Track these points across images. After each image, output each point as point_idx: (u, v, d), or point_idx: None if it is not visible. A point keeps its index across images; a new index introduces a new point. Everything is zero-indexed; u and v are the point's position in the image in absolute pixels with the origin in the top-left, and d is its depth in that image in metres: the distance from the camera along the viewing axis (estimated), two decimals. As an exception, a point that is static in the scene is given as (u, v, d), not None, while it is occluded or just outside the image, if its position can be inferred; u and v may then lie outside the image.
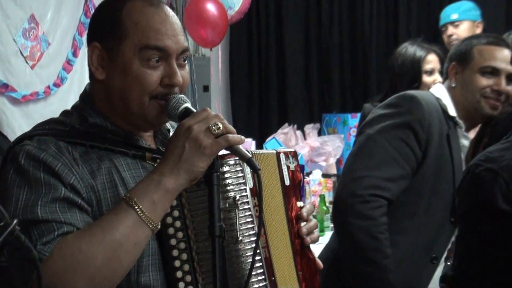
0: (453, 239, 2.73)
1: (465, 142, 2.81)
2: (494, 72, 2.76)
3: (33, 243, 1.61)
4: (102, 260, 1.61)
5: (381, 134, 2.68)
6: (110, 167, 1.76)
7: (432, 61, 4.05)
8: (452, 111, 2.77)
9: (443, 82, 2.93)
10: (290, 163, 1.92)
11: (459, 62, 2.81)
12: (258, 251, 1.74)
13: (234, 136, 1.66)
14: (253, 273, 1.73)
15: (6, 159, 1.75)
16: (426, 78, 3.99)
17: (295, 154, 1.96)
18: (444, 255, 2.71)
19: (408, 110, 2.70)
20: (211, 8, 5.58)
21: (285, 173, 1.90)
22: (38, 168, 1.68)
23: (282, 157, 1.91)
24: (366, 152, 2.69)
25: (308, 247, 1.93)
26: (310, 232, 1.92)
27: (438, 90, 2.85)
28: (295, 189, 1.93)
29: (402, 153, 2.64)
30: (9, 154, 1.75)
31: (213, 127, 1.65)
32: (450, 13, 5.27)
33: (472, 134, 3.01)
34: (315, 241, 1.94)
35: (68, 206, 1.67)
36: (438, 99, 2.79)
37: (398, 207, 2.65)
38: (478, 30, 5.20)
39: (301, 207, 1.93)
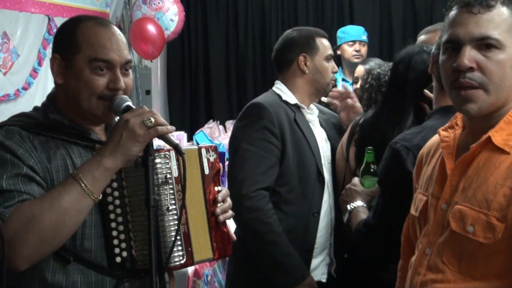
0: (325, 193, 2.74)
1: (310, 117, 2.78)
2: (333, 58, 2.81)
3: None
4: (50, 222, 1.60)
5: (246, 142, 2.64)
6: (65, 154, 1.74)
7: None
8: (292, 100, 2.73)
9: (281, 73, 2.84)
10: (210, 156, 1.89)
11: (307, 53, 2.74)
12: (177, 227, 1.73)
13: (163, 128, 1.66)
14: (172, 245, 1.72)
15: None
16: None
17: (215, 149, 1.94)
18: (324, 208, 2.72)
19: (258, 116, 2.66)
20: (151, 28, 5.55)
21: (205, 164, 1.88)
22: (5, 151, 1.67)
23: (203, 151, 1.88)
24: (239, 160, 2.65)
25: (223, 223, 1.91)
26: (224, 211, 1.90)
27: (278, 87, 2.81)
28: (214, 176, 1.90)
29: (266, 150, 2.62)
30: None
31: (147, 121, 1.65)
32: (361, 34, 5.20)
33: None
34: (228, 218, 1.92)
35: (28, 180, 1.66)
36: (279, 96, 2.75)
37: (279, 186, 2.65)
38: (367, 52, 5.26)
39: (219, 191, 1.91)
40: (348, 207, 2.43)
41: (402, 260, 1.84)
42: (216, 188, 1.91)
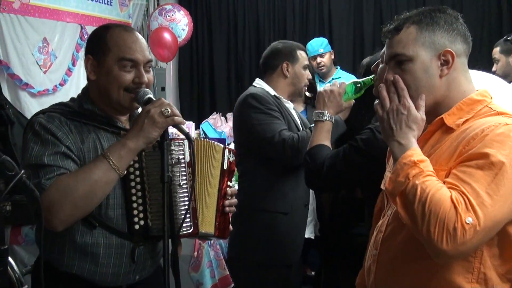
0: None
1: (288, 105, 2.73)
2: (308, 67, 2.80)
3: (40, 179, 1.62)
4: (83, 192, 1.61)
5: (256, 121, 2.58)
6: (95, 138, 1.76)
7: None
8: (272, 92, 2.71)
9: (267, 74, 2.80)
10: (230, 156, 1.93)
11: (290, 61, 2.74)
12: (188, 202, 1.72)
13: (178, 118, 1.69)
14: (182, 216, 1.71)
15: (27, 125, 1.74)
16: None
17: (235, 153, 1.95)
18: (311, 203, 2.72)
19: (260, 103, 2.60)
20: (167, 36, 5.53)
21: (225, 161, 1.91)
22: (47, 133, 1.68)
23: (226, 151, 1.91)
24: (258, 130, 2.58)
25: (227, 213, 1.93)
26: (230, 205, 1.93)
27: (257, 83, 2.78)
28: (229, 173, 1.93)
29: (275, 121, 2.57)
30: (29, 122, 1.73)
31: (165, 111, 1.67)
32: (317, 48, 5.06)
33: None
34: (232, 212, 1.94)
35: (65, 157, 1.67)
36: (262, 89, 2.71)
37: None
38: (332, 57, 5.12)
39: (230, 187, 1.93)
40: (320, 111, 2.13)
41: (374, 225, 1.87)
42: (229, 183, 1.92)
